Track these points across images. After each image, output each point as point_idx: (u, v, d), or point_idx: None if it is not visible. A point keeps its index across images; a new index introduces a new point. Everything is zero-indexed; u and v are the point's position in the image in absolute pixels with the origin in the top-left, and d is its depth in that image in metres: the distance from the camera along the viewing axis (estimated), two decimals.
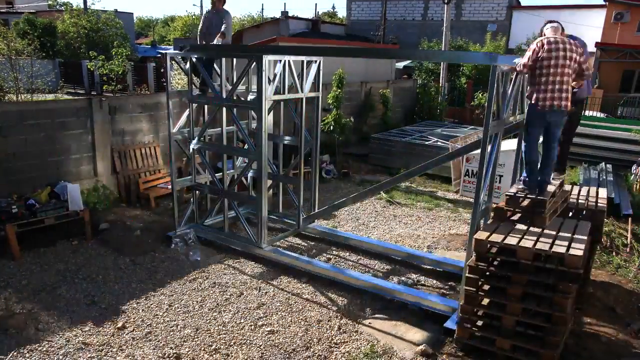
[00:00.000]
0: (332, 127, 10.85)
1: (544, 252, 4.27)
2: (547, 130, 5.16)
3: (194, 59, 6.75)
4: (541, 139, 5.29)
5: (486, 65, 6.48)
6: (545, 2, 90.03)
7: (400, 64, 23.64)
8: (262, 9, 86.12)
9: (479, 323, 4.69)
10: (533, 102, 5.00)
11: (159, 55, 24.92)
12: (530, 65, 4.92)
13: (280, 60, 6.32)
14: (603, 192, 6.06)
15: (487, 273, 4.66)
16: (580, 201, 5.69)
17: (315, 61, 6.87)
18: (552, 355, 4.28)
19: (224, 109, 6.99)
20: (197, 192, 7.42)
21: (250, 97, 7.34)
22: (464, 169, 9.98)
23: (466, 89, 18.65)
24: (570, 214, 5.54)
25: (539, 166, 5.22)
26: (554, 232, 4.64)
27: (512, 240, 4.45)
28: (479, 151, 5.00)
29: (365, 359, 4.66)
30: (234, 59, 7.11)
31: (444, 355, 4.73)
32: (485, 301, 4.64)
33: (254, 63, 6.12)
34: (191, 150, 7.16)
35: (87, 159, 8.15)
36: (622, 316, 5.53)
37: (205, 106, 7.40)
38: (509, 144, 8.63)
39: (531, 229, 4.72)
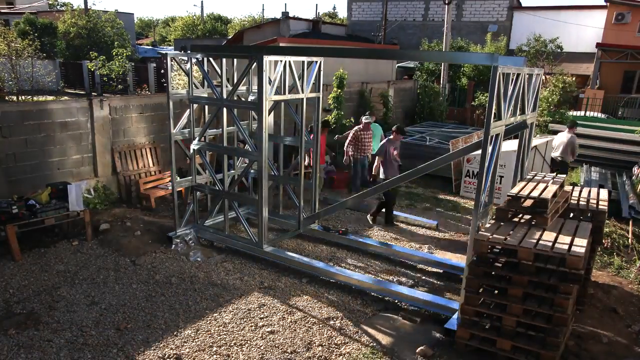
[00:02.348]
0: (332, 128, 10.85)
1: (545, 252, 4.26)
2: None
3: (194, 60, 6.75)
4: None
5: (487, 66, 6.47)
6: (546, 3, 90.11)
7: (402, 64, 23.61)
8: (263, 9, 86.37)
9: (480, 324, 4.68)
10: None
11: (160, 55, 24.91)
12: None
13: (281, 61, 6.32)
14: (604, 193, 6.05)
15: (488, 274, 4.65)
16: (581, 202, 5.68)
17: (316, 62, 6.87)
18: (553, 356, 4.27)
19: (225, 110, 6.99)
20: (197, 192, 7.42)
21: (251, 97, 7.33)
22: (465, 169, 9.98)
23: (467, 90, 18.63)
24: (572, 215, 5.53)
25: None
26: (554, 233, 4.63)
27: (513, 240, 4.44)
28: (479, 152, 4.99)
29: None
30: (235, 60, 7.11)
31: (444, 356, 4.72)
32: (486, 302, 4.63)
33: (255, 63, 6.12)
34: (192, 150, 7.15)
35: (87, 160, 8.15)
36: (623, 317, 5.52)
37: (206, 107, 7.39)
38: (510, 145, 8.63)
39: (532, 229, 4.71)
